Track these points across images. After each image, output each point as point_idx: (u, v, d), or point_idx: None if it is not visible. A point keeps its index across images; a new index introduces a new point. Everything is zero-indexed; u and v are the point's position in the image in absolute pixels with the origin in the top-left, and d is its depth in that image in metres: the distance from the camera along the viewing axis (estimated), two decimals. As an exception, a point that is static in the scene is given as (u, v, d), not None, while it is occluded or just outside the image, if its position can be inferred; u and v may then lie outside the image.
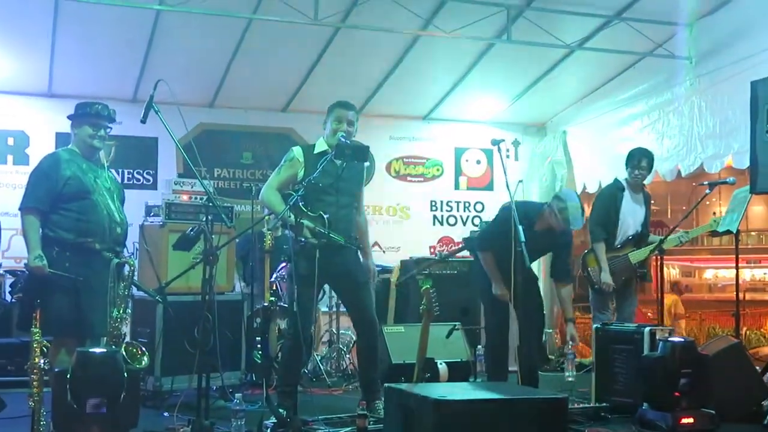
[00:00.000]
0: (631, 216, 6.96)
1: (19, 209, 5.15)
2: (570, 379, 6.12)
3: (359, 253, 5.71)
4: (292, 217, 5.22)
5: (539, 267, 9.73)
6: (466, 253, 9.64)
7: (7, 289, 7.65)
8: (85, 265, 5.09)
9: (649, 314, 11.18)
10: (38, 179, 5.17)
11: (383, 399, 5.00)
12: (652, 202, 7.55)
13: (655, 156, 7.45)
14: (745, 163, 7.00)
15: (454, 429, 3.96)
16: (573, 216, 5.99)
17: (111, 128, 5.41)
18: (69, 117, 5.35)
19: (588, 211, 6.92)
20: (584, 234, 7.24)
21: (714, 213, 7.01)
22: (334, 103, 5.70)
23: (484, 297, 6.48)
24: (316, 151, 5.59)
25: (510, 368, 6.58)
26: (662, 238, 6.81)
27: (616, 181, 7.15)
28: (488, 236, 6.48)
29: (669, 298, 12.70)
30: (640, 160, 6.96)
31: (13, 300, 7.27)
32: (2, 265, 7.98)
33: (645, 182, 7.20)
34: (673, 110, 8.06)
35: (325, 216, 5.35)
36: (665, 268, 7.40)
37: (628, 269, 6.86)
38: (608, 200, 6.99)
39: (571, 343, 6.16)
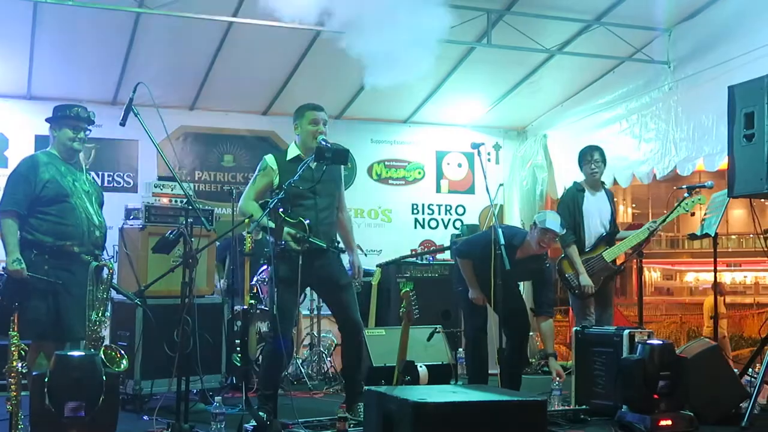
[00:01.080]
0: (596, 215, 6.96)
1: None
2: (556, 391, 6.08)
3: (343, 253, 5.72)
4: (271, 222, 5.21)
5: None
6: (447, 255, 9.70)
7: (-14, 292, 7.59)
8: (63, 268, 5.07)
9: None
10: (16, 182, 5.14)
11: (363, 402, 5.01)
12: (633, 206, 7.61)
13: (633, 159, 7.48)
14: (716, 166, 7.12)
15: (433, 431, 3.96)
16: (551, 220, 6.04)
17: (90, 130, 5.39)
18: (47, 120, 5.32)
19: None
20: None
21: (692, 214, 6.91)
22: (302, 106, 5.67)
23: (462, 301, 6.51)
24: (289, 158, 5.58)
25: (492, 371, 6.60)
26: (636, 232, 6.88)
27: (575, 183, 7.18)
28: (469, 247, 6.51)
29: (709, 300, 12.86)
30: (591, 154, 7.01)
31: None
32: (-20, 269, 7.92)
33: (615, 183, 7.27)
34: (650, 114, 8.13)
35: (306, 222, 5.35)
36: (645, 271, 7.44)
37: (606, 268, 6.84)
38: (570, 203, 6.98)
39: (558, 379, 6.12)
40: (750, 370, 6.11)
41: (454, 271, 6.80)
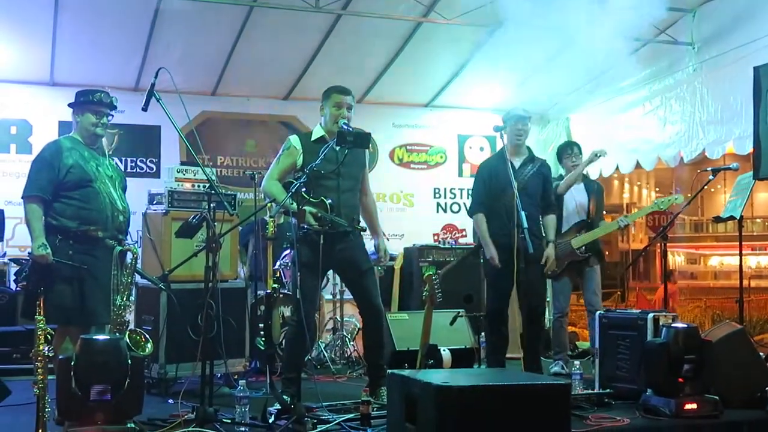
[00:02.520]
0: (572, 203, 7.23)
1: (22, 198, 5.16)
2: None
3: (368, 234, 5.72)
4: (294, 204, 5.22)
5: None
6: (470, 239, 9.70)
7: (12, 277, 7.67)
8: (88, 253, 5.11)
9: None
10: (40, 167, 5.17)
11: (386, 386, 5.01)
12: (657, 189, 7.58)
13: (658, 142, 7.42)
14: (747, 149, 6.99)
15: (456, 415, 3.96)
16: (514, 110, 6.42)
17: (113, 116, 5.42)
18: (70, 105, 5.35)
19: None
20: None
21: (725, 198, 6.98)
22: (330, 88, 5.68)
23: (487, 279, 6.53)
24: (313, 138, 5.59)
25: (514, 355, 6.59)
26: (607, 224, 7.27)
27: (558, 175, 7.42)
28: (475, 197, 6.59)
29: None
30: (572, 148, 7.43)
31: (18, 288, 7.29)
32: (6, 254, 8.00)
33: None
34: (675, 96, 8.04)
35: (328, 201, 5.35)
36: (669, 255, 7.42)
37: (570, 254, 7.04)
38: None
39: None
40: (776, 353, 6.06)
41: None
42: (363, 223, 5.73)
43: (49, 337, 4.52)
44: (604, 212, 7.77)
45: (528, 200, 6.13)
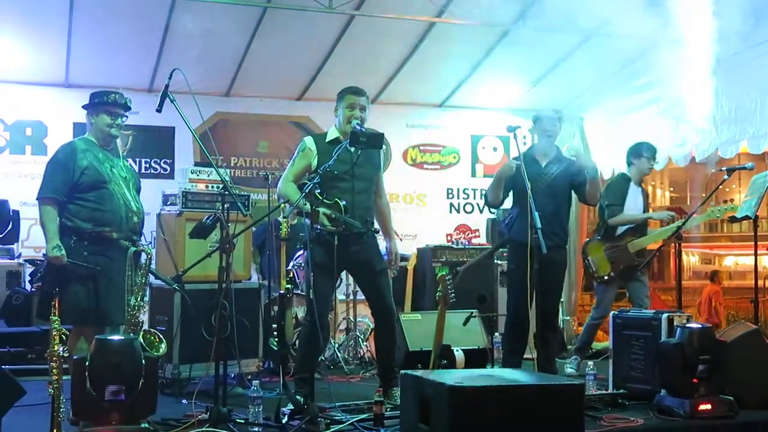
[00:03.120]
0: (632, 207, 7.12)
1: (37, 199, 5.19)
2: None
3: (381, 236, 5.72)
4: (308, 204, 5.23)
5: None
6: (482, 239, 9.69)
7: (27, 278, 7.71)
8: (102, 254, 5.13)
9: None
10: (55, 169, 5.19)
11: (399, 386, 5.01)
12: (671, 189, 7.57)
13: (671, 142, 7.42)
14: (761, 148, 6.98)
15: (470, 416, 3.96)
16: (544, 113, 6.28)
17: (127, 117, 5.44)
18: (84, 106, 5.37)
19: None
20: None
21: (731, 200, 6.99)
22: (344, 89, 5.69)
23: (508, 279, 6.53)
24: (327, 140, 5.60)
25: (526, 356, 6.57)
26: (665, 228, 7.03)
27: (623, 174, 7.30)
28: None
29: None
30: (651, 151, 7.21)
31: (33, 289, 7.33)
32: (21, 255, 8.04)
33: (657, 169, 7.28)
34: (691, 96, 7.98)
35: (342, 203, 5.36)
36: (684, 255, 7.39)
37: (626, 258, 6.95)
38: (618, 189, 7.14)
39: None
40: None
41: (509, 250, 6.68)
42: (376, 225, 5.73)
43: (64, 337, 4.54)
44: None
45: (552, 200, 6.08)
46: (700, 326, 5.29)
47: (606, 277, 6.92)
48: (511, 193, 6.21)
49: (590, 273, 7.06)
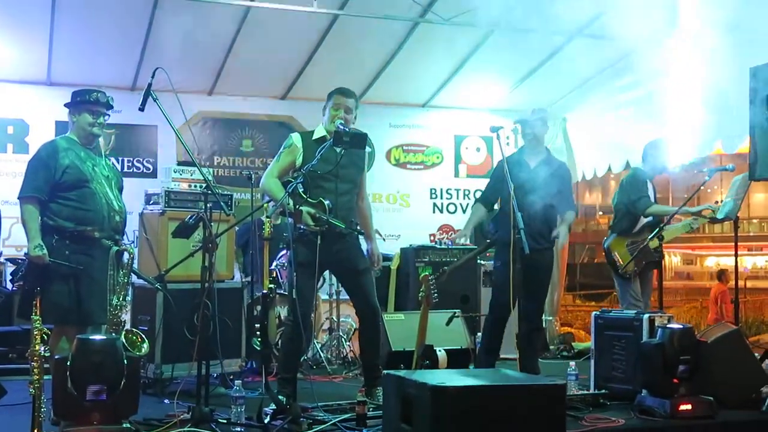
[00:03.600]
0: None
1: (18, 198, 5.15)
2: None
3: (362, 238, 5.73)
4: (291, 203, 5.23)
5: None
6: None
7: (8, 277, 7.66)
8: (84, 253, 5.10)
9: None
10: (36, 168, 5.16)
11: (382, 386, 5.02)
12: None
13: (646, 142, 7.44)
14: (734, 148, 7.07)
15: (452, 416, 3.97)
16: (530, 116, 6.35)
17: (109, 115, 5.41)
18: (66, 105, 5.34)
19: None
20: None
21: (717, 201, 6.99)
22: (334, 90, 5.70)
23: (493, 275, 6.54)
24: (314, 137, 5.60)
25: (509, 356, 6.59)
26: (677, 225, 7.03)
27: (639, 169, 7.19)
28: (481, 193, 6.71)
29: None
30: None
31: (14, 288, 7.29)
32: (3, 254, 7.99)
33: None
34: (670, 96, 8.03)
35: (326, 203, 5.36)
36: (666, 256, 7.43)
37: (647, 254, 6.86)
38: (643, 181, 7.01)
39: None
40: (771, 354, 6.07)
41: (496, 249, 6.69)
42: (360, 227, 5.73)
43: (45, 337, 4.51)
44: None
45: (540, 201, 6.12)
46: (681, 327, 5.32)
47: (630, 273, 6.84)
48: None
49: (615, 269, 6.94)
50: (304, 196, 5.30)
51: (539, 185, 6.16)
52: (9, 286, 7.57)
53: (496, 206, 6.51)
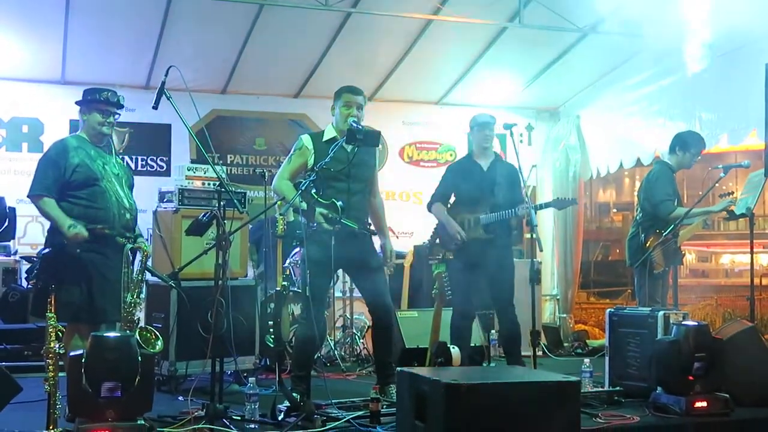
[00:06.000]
0: (676, 197, 6.90)
1: (28, 196, 5.17)
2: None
3: (374, 236, 5.73)
4: (304, 203, 5.23)
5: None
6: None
7: (23, 275, 7.71)
8: (96, 251, 5.10)
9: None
10: (46, 167, 5.17)
11: (396, 383, 5.02)
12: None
13: (662, 138, 7.40)
14: (740, 140, 7.07)
15: (466, 413, 3.96)
16: (480, 116, 6.47)
17: (119, 114, 5.42)
18: (77, 103, 5.35)
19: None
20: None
21: (731, 193, 6.89)
22: (341, 88, 5.69)
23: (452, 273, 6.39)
24: (325, 138, 5.60)
25: (524, 353, 6.57)
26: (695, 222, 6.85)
27: (665, 162, 7.01)
28: (434, 194, 6.68)
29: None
30: (701, 148, 6.90)
31: (29, 286, 7.32)
32: (18, 252, 8.03)
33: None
34: (682, 93, 8.00)
35: (339, 203, 5.36)
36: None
37: (675, 251, 6.72)
38: (670, 181, 6.86)
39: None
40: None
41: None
42: (372, 227, 5.74)
43: (60, 334, 4.54)
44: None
45: (495, 202, 6.25)
46: (696, 324, 5.29)
47: (661, 272, 6.75)
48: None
49: (651, 268, 6.80)
50: (317, 196, 5.30)
51: (497, 186, 6.31)
52: (24, 284, 7.61)
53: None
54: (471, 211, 6.33)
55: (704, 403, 5.01)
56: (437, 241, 6.50)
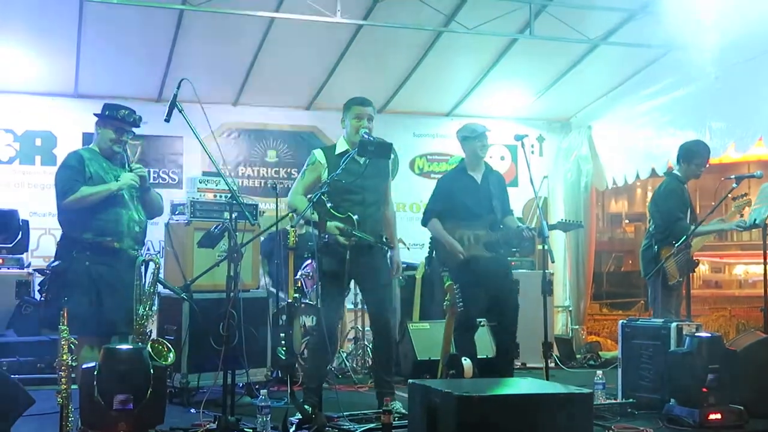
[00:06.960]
0: (688, 210, 6.85)
1: (58, 206, 5.19)
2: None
3: (391, 249, 5.72)
4: (316, 214, 5.24)
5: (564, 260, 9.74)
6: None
7: (36, 287, 7.73)
8: (105, 263, 5.12)
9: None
10: (69, 174, 5.18)
11: (407, 395, 5.00)
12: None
13: (673, 149, 7.39)
14: (746, 148, 7.20)
15: (478, 425, 3.95)
16: (476, 126, 6.26)
17: (134, 134, 5.46)
18: (95, 115, 5.38)
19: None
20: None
21: (744, 195, 6.83)
22: (350, 100, 5.70)
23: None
24: (337, 152, 5.61)
25: (536, 365, 6.55)
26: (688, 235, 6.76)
27: (675, 174, 6.95)
28: (433, 204, 6.45)
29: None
30: (705, 158, 6.85)
31: (42, 299, 7.35)
32: (31, 264, 8.06)
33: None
34: (695, 104, 7.98)
35: (354, 217, 5.36)
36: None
37: (689, 263, 6.65)
38: (680, 196, 6.81)
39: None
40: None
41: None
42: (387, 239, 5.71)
43: (72, 346, 4.55)
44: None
45: (492, 214, 6.20)
46: (710, 335, 5.27)
47: (675, 283, 6.71)
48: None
49: (665, 279, 6.76)
50: (332, 210, 5.31)
51: (492, 196, 6.22)
52: (37, 296, 7.63)
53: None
54: (469, 227, 6.20)
55: (718, 415, 4.98)
56: (434, 254, 6.44)
